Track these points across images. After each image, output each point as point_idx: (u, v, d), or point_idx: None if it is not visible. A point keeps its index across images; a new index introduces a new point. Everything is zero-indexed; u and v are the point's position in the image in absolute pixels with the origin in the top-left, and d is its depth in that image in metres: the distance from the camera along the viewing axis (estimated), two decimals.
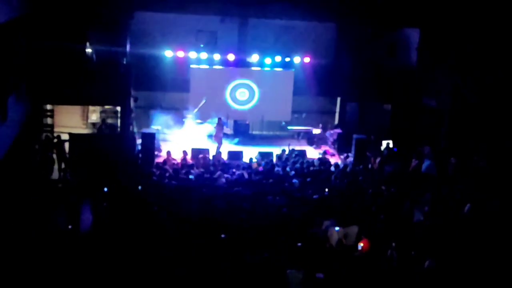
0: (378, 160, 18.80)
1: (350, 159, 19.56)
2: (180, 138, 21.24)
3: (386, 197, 14.95)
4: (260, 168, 17.14)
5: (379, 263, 11.23)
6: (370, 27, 21.98)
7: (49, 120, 19.60)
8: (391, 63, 22.63)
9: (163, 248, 10.94)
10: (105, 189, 14.11)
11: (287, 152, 19.33)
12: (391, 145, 20.84)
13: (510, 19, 17.59)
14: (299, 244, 11.51)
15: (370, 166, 18.63)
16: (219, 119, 20.84)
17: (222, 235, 11.53)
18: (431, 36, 21.37)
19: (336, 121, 23.58)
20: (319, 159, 19.05)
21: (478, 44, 18.84)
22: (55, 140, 17.56)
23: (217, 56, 22.18)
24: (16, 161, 14.46)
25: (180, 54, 21.85)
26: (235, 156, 19.32)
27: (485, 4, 18.43)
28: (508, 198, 13.81)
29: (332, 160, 19.74)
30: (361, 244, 11.90)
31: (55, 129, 19.39)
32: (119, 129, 19.32)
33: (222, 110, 21.90)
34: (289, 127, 23.55)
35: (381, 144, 20.93)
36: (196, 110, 21.84)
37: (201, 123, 21.93)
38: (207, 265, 10.30)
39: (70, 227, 12.03)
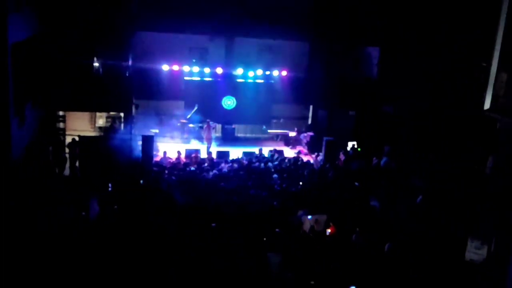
0: (343, 158, 18.90)
1: (321, 157, 19.61)
2: (175, 139, 21.15)
3: (351, 190, 15.04)
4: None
5: (346, 246, 11.31)
6: (337, 45, 22.07)
7: (61, 125, 19.40)
8: (356, 75, 22.74)
9: (160, 234, 10.90)
10: (110, 184, 14.04)
11: (263, 152, 19.29)
12: (355, 146, 20.95)
13: (457, 37, 17.85)
14: (277, 230, 11.55)
15: (337, 163, 18.70)
16: (208, 122, 20.79)
17: (212, 224, 11.52)
18: (389, 53, 21.60)
19: (309, 125, 23.62)
20: (294, 157, 19.08)
21: (428, 58, 19.08)
22: (69, 142, 17.40)
23: (207, 70, 22.11)
24: (32, 160, 14.29)
25: (175, 67, 21.74)
26: (223, 155, 19.27)
27: (434, 24, 18.71)
28: (453, 191, 13.97)
29: (305, 159, 19.80)
30: (329, 230, 11.99)
31: (67, 133, 19.20)
32: (122, 132, 19.19)
33: (212, 115, 21.83)
34: (269, 130, 23.54)
35: (347, 145, 21.02)
36: (189, 115, 21.76)
37: (193, 126, 21.86)
38: (199, 250, 10.29)
39: (83, 214, 11.96)
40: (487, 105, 12.21)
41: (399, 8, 20.26)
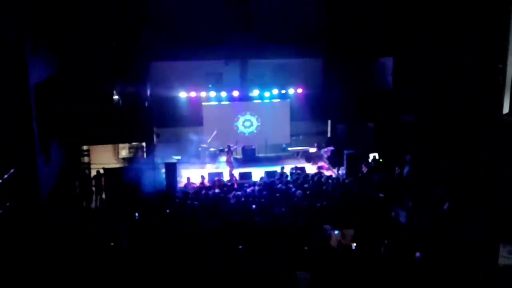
0: (366, 170, 18.75)
1: (343, 171, 19.51)
2: (198, 165, 21.30)
3: (376, 202, 14.89)
4: None
5: (375, 259, 11.16)
6: (351, 59, 22.12)
7: (86, 159, 19.73)
8: (371, 87, 22.72)
9: (188, 260, 10.93)
10: (136, 214, 14.15)
11: (285, 170, 19.26)
12: (377, 157, 20.79)
13: (471, 40, 17.74)
14: (306, 248, 11.46)
15: (359, 175, 18.55)
16: (229, 146, 20.90)
17: (240, 246, 11.50)
18: (403, 62, 21.54)
19: (329, 140, 23.55)
20: (316, 173, 19.00)
21: (443, 64, 18.97)
22: (95, 175, 17.66)
23: (223, 94, 22.34)
24: (60, 195, 14.54)
25: (193, 94, 22.02)
26: (245, 176, 19.32)
27: (447, 28, 18.63)
28: (479, 197, 13.73)
29: (327, 173, 19.71)
30: (354, 244, 11.86)
31: (91, 166, 19.50)
32: (145, 161, 19.40)
33: (231, 138, 21.95)
34: (289, 148, 23.54)
35: (368, 157, 20.88)
36: (209, 140, 21.93)
37: (214, 150, 22.01)
38: (228, 273, 10.28)
39: (112, 244, 12.08)
40: (505, 108, 12.05)
41: (410, 15, 20.24)
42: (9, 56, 11.00)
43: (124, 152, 21.62)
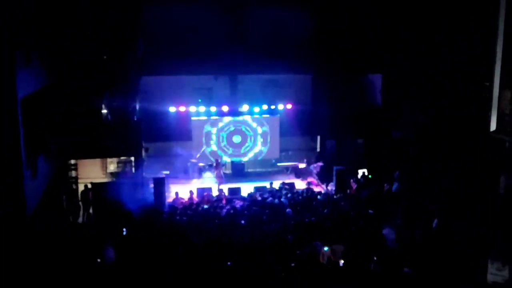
0: (355, 186, 18.79)
1: (332, 187, 19.52)
2: (186, 180, 21.20)
3: (365, 218, 14.90)
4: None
5: (364, 275, 11.13)
6: (340, 76, 22.30)
7: (73, 173, 19.52)
8: (360, 103, 22.87)
9: (177, 275, 10.81)
10: (124, 229, 14.01)
11: (274, 185, 19.22)
12: (366, 173, 20.85)
13: (459, 57, 18.00)
14: (292, 264, 11.40)
15: (349, 192, 18.59)
16: (217, 160, 20.83)
17: (228, 263, 11.40)
18: (391, 79, 21.77)
19: (318, 156, 23.61)
20: (305, 189, 18.99)
21: (431, 81, 19.20)
22: (82, 190, 17.48)
23: (213, 108, 22.36)
24: (46, 209, 14.34)
25: (182, 108, 22.01)
26: (235, 191, 19.24)
27: (434, 46, 18.90)
28: (468, 212, 13.80)
29: (317, 189, 19.71)
30: (342, 261, 11.83)
31: (79, 181, 19.30)
32: (134, 176, 19.27)
33: (220, 152, 21.92)
34: (278, 164, 23.54)
35: (357, 173, 20.93)
36: (198, 155, 21.87)
37: (202, 165, 21.93)
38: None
39: (99, 260, 11.92)
40: (493, 125, 12.19)
41: (398, 33, 20.52)
42: None
43: (112, 166, 21.44)
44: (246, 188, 19.46)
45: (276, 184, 19.45)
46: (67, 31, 15.76)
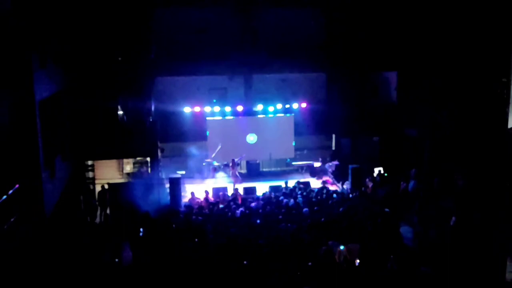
0: (371, 185, 18.68)
1: (347, 186, 19.44)
2: (202, 180, 21.31)
3: (381, 217, 14.79)
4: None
5: (381, 274, 11.06)
6: (354, 74, 22.21)
7: (90, 174, 19.77)
8: (375, 102, 22.75)
9: (192, 275, 10.86)
10: (141, 229, 14.12)
11: (289, 185, 19.19)
12: (382, 171, 20.72)
13: (471, 58, 17.79)
14: (310, 263, 11.38)
15: (364, 190, 18.48)
16: (233, 160, 20.88)
17: (244, 262, 11.42)
18: (407, 76, 21.59)
19: (333, 154, 23.53)
20: (320, 188, 18.93)
21: (447, 80, 19.00)
22: (99, 190, 17.69)
23: (228, 108, 22.40)
24: (65, 210, 14.54)
25: (197, 109, 22.09)
26: (250, 191, 19.27)
27: (449, 42, 18.70)
28: (485, 210, 13.64)
29: (332, 188, 19.64)
30: (358, 260, 11.76)
31: (96, 181, 19.54)
32: (150, 176, 19.41)
33: (236, 152, 21.95)
34: (293, 163, 23.50)
35: (373, 171, 20.82)
36: (213, 155, 21.94)
37: (218, 165, 22.01)
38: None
39: (116, 260, 12.04)
40: (511, 121, 12.03)
41: (412, 29, 20.35)
42: (16, 72, 11.10)
43: (128, 167, 21.65)
44: (262, 188, 19.47)
45: (291, 183, 19.43)
46: (81, 34, 15.96)
